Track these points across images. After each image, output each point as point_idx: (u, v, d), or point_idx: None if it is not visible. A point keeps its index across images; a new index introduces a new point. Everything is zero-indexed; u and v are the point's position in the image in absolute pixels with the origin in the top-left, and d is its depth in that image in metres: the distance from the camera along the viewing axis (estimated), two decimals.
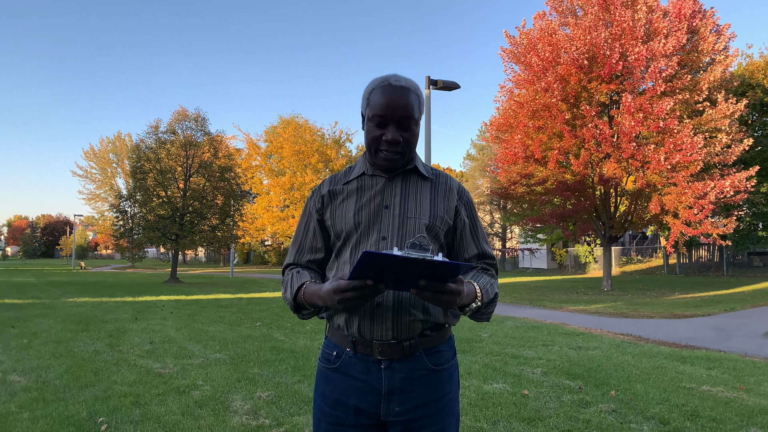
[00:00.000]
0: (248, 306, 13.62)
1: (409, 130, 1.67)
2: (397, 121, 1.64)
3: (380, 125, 1.66)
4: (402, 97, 1.64)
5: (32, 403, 4.78)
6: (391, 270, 1.36)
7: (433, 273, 1.35)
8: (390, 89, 1.65)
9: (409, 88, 1.67)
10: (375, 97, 1.66)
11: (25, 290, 19.08)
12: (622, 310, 12.74)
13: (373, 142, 1.68)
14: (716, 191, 15.74)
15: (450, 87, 12.55)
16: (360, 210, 1.70)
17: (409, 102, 1.65)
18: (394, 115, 1.63)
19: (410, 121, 1.66)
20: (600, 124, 16.33)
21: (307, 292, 1.64)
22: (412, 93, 1.66)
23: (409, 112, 1.65)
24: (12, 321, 10.31)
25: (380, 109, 1.64)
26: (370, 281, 1.38)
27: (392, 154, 1.67)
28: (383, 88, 1.65)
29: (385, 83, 1.67)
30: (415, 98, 1.67)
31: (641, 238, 35.55)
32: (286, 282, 1.77)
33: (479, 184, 43.69)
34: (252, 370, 6.06)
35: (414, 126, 1.68)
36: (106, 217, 56.06)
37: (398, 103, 1.63)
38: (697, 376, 5.81)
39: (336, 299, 1.45)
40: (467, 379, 5.61)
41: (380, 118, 1.64)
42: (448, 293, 1.39)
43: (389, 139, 1.64)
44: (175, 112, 27.68)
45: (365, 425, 1.65)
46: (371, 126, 1.67)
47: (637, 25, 16.11)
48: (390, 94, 1.64)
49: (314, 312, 1.73)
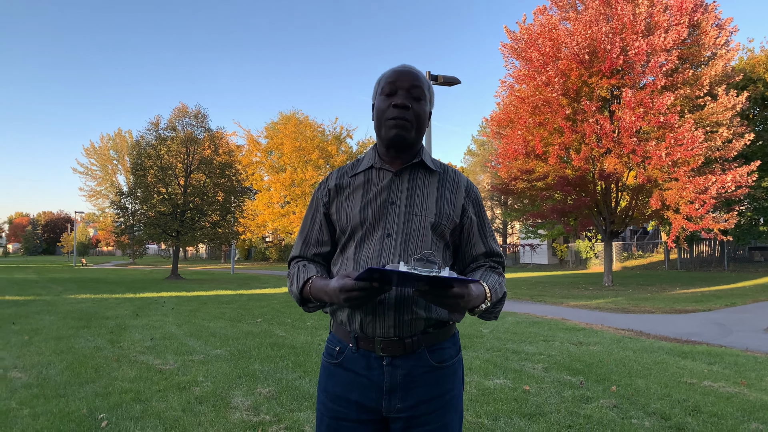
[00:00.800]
0: (249, 302, 13.62)
1: (418, 102, 1.70)
2: (407, 89, 1.69)
3: (390, 94, 1.70)
4: (412, 71, 1.72)
5: (33, 399, 4.78)
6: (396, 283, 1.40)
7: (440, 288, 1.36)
8: (401, 67, 1.74)
9: (420, 72, 1.74)
10: (386, 74, 1.73)
11: (26, 287, 19.10)
12: (623, 305, 12.73)
13: (381, 112, 1.70)
14: (717, 186, 15.71)
15: (450, 82, 12.52)
16: (366, 206, 1.70)
17: (418, 75, 1.72)
18: (404, 83, 1.69)
19: (419, 91, 1.70)
20: (601, 119, 16.29)
21: (314, 287, 1.65)
22: (422, 75, 1.74)
23: (418, 83, 1.70)
24: (13, 317, 10.31)
25: (391, 77, 1.71)
26: (375, 283, 1.42)
27: (401, 120, 1.66)
28: (394, 69, 1.74)
29: (397, 66, 1.75)
30: (426, 81, 1.74)
31: (642, 234, 35.54)
32: (292, 275, 1.77)
33: (480, 179, 43.67)
34: (252, 366, 6.05)
35: (423, 100, 1.71)
36: (107, 213, 56.03)
37: (408, 74, 1.70)
38: (698, 372, 5.80)
39: (342, 298, 1.47)
40: (468, 375, 5.60)
41: (391, 85, 1.69)
42: (451, 297, 1.40)
43: (398, 103, 1.66)
44: (176, 109, 27.70)
45: (367, 420, 1.65)
46: (381, 99, 1.71)
47: (638, 20, 16.05)
48: (400, 69, 1.73)
49: (319, 306, 1.74)
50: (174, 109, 27.88)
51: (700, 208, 15.75)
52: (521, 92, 18.50)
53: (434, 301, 1.41)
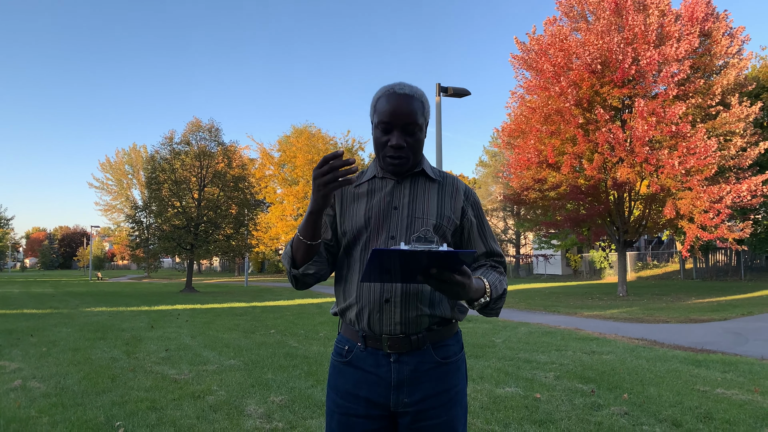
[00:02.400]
0: (262, 314, 13.70)
1: (413, 136, 1.73)
2: (402, 127, 1.71)
3: (386, 131, 1.73)
4: (406, 104, 1.71)
5: (51, 408, 4.87)
6: (401, 264, 1.43)
7: (440, 263, 1.41)
8: (395, 97, 1.71)
9: (413, 96, 1.73)
10: (381, 105, 1.73)
11: (43, 300, 19.35)
12: (638, 315, 12.65)
13: (379, 147, 1.76)
14: (732, 195, 15.60)
15: (460, 94, 12.61)
16: (370, 210, 1.77)
17: (412, 109, 1.71)
18: (399, 121, 1.70)
19: (414, 126, 1.72)
20: (613, 129, 16.28)
21: (299, 227, 1.69)
22: (416, 100, 1.73)
23: (412, 119, 1.71)
24: (31, 330, 10.47)
25: (385, 116, 1.71)
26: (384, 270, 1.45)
27: (397, 159, 1.73)
28: (388, 96, 1.73)
29: (390, 91, 1.74)
30: (419, 105, 1.74)
31: (657, 243, 35.25)
32: (286, 245, 1.82)
33: (492, 190, 43.61)
34: (266, 376, 6.11)
35: (418, 132, 1.74)
36: (122, 227, 56.73)
37: (402, 110, 1.70)
38: (711, 380, 5.77)
39: (315, 184, 1.53)
40: (479, 383, 5.63)
41: (385, 124, 1.72)
42: (455, 284, 1.44)
43: (394, 144, 1.71)
44: (189, 123, 28.07)
45: (376, 416, 1.72)
46: (378, 132, 1.75)
47: (649, 30, 16.07)
48: (394, 101, 1.71)
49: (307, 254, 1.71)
50: (188, 123, 28.25)
51: (715, 217, 15.64)
52: (532, 102, 18.54)
53: (438, 287, 1.45)
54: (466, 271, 1.47)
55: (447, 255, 1.38)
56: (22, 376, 6.26)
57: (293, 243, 1.72)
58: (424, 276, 1.45)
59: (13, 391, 5.55)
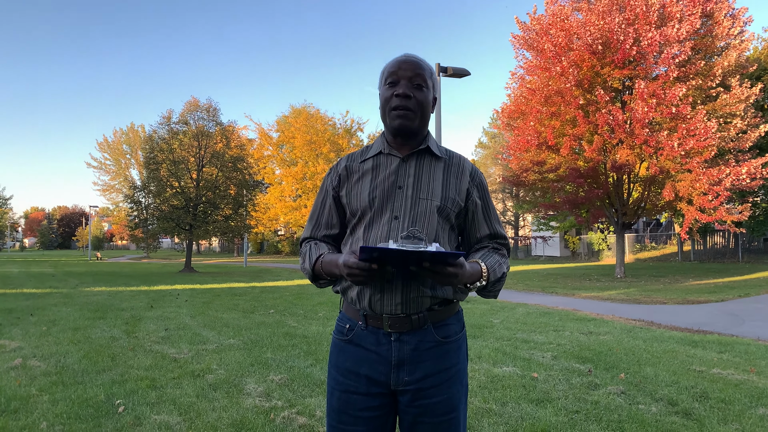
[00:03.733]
0: (262, 294, 13.75)
1: (420, 91, 1.75)
2: (409, 78, 1.74)
3: (393, 84, 1.76)
4: (414, 61, 1.77)
5: (52, 386, 4.90)
6: (390, 260, 1.47)
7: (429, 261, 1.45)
8: (404, 56, 1.79)
9: (422, 60, 1.80)
10: (389, 64, 1.79)
11: (43, 280, 19.39)
12: (635, 296, 12.71)
13: (385, 102, 1.77)
14: (732, 177, 15.59)
15: (460, 74, 12.53)
16: (374, 189, 1.76)
17: (419, 64, 1.77)
18: (406, 73, 1.74)
19: (420, 80, 1.75)
20: (613, 110, 16.21)
21: (324, 261, 1.74)
22: (424, 63, 1.79)
23: (419, 71, 1.75)
24: (31, 309, 10.50)
25: (393, 67, 1.77)
26: (374, 265, 1.49)
27: (403, 110, 1.73)
28: (398, 57, 1.80)
29: (400, 55, 1.81)
30: (428, 68, 1.79)
31: (655, 225, 35.33)
32: (304, 253, 1.86)
33: (491, 171, 43.59)
34: (265, 355, 6.15)
35: (425, 88, 1.76)
36: (121, 208, 56.60)
37: (408, 63, 1.76)
38: (707, 360, 5.82)
39: (345, 273, 1.56)
40: (477, 363, 5.67)
41: (393, 75, 1.76)
42: (445, 275, 1.49)
43: (400, 92, 1.72)
44: (187, 103, 27.89)
45: (376, 394, 1.73)
46: (385, 89, 1.78)
47: (651, 10, 15.92)
48: (403, 58, 1.78)
49: (330, 281, 1.82)
50: (186, 103, 28.13)
51: (714, 199, 15.65)
52: (533, 83, 18.43)
53: (432, 276, 1.50)
54: (458, 263, 1.50)
55: (434, 256, 1.40)
56: (22, 354, 6.29)
57: (314, 268, 1.79)
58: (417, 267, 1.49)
59: (14, 369, 5.59)
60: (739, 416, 4.00)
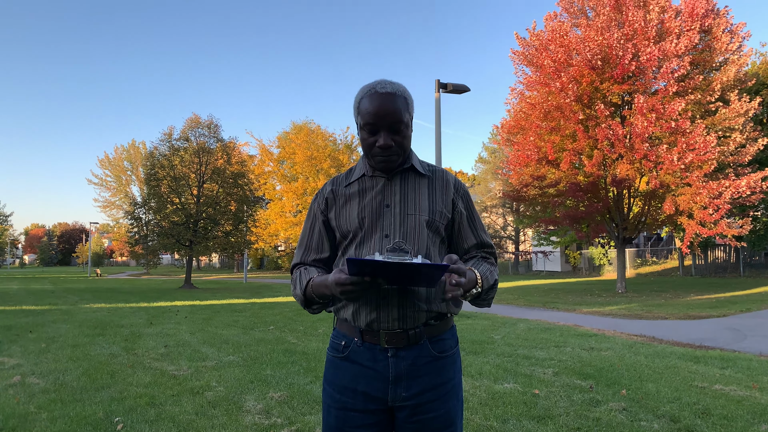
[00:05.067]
0: (261, 310, 13.71)
1: (399, 134, 1.72)
2: (388, 126, 1.70)
3: (372, 132, 1.72)
4: (390, 103, 1.69)
5: (50, 404, 4.87)
6: (377, 273, 1.45)
7: (416, 273, 1.44)
8: (377, 97, 1.70)
9: (395, 93, 1.71)
10: (364, 106, 1.71)
11: (42, 297, 19.34)
12: (637, 311, 12.67)
13: (368, 148, 1.75)
14: (732, 191, 15.61)
15: (460, 90, 12.59)
16: (363, 210, 1.77)
17: (396, 107, 1.69)
18: (384, 122, 1.69)
19: (400, 125, 1.71)
20: (613, 125, 16.27)
21: (315, 283, 1.72)
22: (398, 97, 1.71)
23: (397, 117, 1.70)
24: (30, 326, 10.47)
25: (370, 118, 1.70)
26: (367, 278, 1.48)
27: (386, 158, 1.73)
28: (371, 97, 1.71)
29: (372, 91, 1.72)
30: (403, 102, 1.72)
31: (656, 240, 35.28)
32: (295, 279, 1.85)
33: (491, 187, 43.59)
34: (264, 372, 6.12)
35: (404, 129, 1.73)
36: (121, 224, 56.59)
37: (387, 110, 1.68)
38: (709, 376, 5.78)
39: (337, 291, 1.54)
40: (478, 380, 5.63)
41: (371, 125, 1.70)
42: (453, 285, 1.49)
43: (382, 144, 1.70)
44: (188, 120, 28.00)
45: (374, 410, 1.73)
46: (364, 134, 1.74)
47: (649, 26, 16.06)
48: (377, 101, 1.69)
49: (323, 305, 1.81)
50: (187, 119, 28.21)
51: (714, 213, 15.65)
52: (532, 99, 18.53)
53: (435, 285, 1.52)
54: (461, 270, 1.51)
55: (419, 268, 1.40)
56: (21, 372, 6.26)
57: (305, 293, 1.76)
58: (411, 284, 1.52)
59: (12, 387, 5.56)
60: None
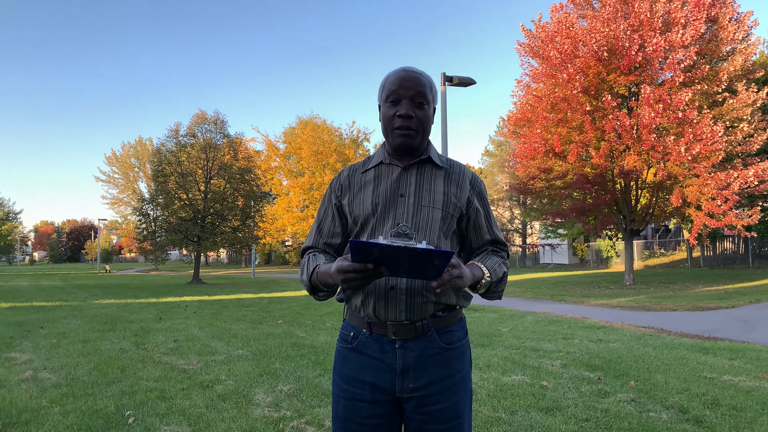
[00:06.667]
0: (270, 305, 13.77)
1: (421, 109, 1.77)
2: (411, 97, 1.75)
3: (394, 102, 1.76)
4: (414, 77, 1.77)
5: (62, 398, 4.93)
6: (385, 257, 1.44)
7: (420, 259, 1.43)
8: (403, 72, 1.78)
9: (421, 74, 1.79)
10: (390, 80, 1.79)
11: (52, 293, 19.50)
12: (645, 303, 12.64)
13: (387, 121, 1.78)
14: (740, 181, 15.51)
15: (466, 83, 12.57)
16: (377, 197, 1.79)
17: (421, 82, 1.77)
18: (407, 92, 1.75)
19: (422, 98, 1.76)
20: (620, 116, 16.19)
21: (320, 272, 1.73)
22: (424, 77, 1.79)
23: (421, 89, 1.76)
24: (41, 322, 10.56)
25: (394, 86, 1.76)
26: (370, 265, 1.48)
27: (406, 130, 1.75)
28: (398, 73, 1.79)
29: (399, 69, 1.80)
30: (428, 82, 1.79)
31: (664, 232, 35.12)
32: (303, 264, 1.86)
33: (498, 180, 43.50)
34: (273, 365, 6.16)
35: (426, 106, 1.78)
36: (130, 220, 56.89)
37: (411, 82, 1.75)
38: (718, 367, 5.77)
39: (339, 279, 1.54)
40: (486, 372, 5.65)
41: (394, 94, 1.76)
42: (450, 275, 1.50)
43: (402, 113, 1.74)
44: (195, 116, 28.04)
45: (382, 401, 1.74)
46: (386, 106, 1.78)
47: (655, 16, 15.94)
48: (404, 75, 1.77)
49: (329, 293, 1.82)
50: (193, 115, 28.24)
51: (723, 204, 15.56)
52: (538, 91, 18.44)
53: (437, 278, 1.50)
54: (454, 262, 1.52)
55: (423, 252, 1.40)
56: (33, 367, 6.32)
57: (311, 279, 1.76)
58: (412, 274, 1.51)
59: (25, 381, 5.62)
60: (751, 423, 3.96)
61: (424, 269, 1.49)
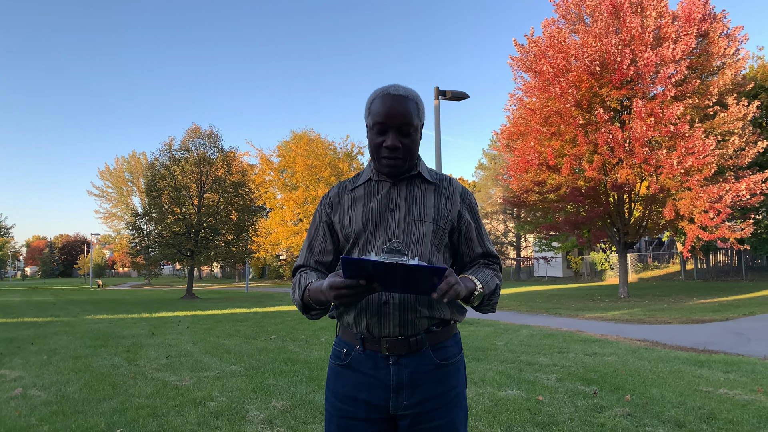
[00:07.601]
0: (263, 320, 13.68)
1: (408, 137, 1.73)
2: (397, 128, 1.71)
3: (381, 132, 1.72)
4: (400, 105, 1.71)
5: (52, 416, 4.86)
6: (377, 273, 1.43)
7: (413, 275, 1.42)
8: (389, 98, 1.71)
9: (407, 97, 1.73)
10: (375, 106, 1.73)
11: (44, 309, 19.32)
12: (639, 316, 12.63)
13: (375, 148, 1.75)
14: (732, 194, 15.60)
15: (459, 97, 12.62)
16: (367, 213, 1.77)
17: (407, 109, 1.71)
18: (393, 122, 1.70)
19: (409, 127, 1.72)
20: (612, 129, 16.30)
21: (311, 289, 1.70)
22: (410, 101, 1.73)
23: (407, 119, 1.71)
24: (32, 338, 10.45)
25: (380, 117, 1.70)
26: (362, 281, 1.46)
27: (393, 159, 1.73)
28: (383, 98, 1.72)
29: (384, 93, 1.73)
30: (414, 106, 1.74)
31: (658, 244, 35.23)
32: (294, 283, 1.84)
33: (492, 193, 43.60)
34: (267, 381, 6.09)
35: (413, 132, 1.74)
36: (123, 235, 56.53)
37: (397, 111, 1.70)
38: (714, 380, 5.76)
39: (332, 295, 1.52)
40: (481, 386, 5.61)
41: (380, 125, 1.71)
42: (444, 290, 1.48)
43: (389, 145, 1.70)
44: (189, 130, 28.08)
45: (376, 419, 1.71)
46: (373, 134, 1.74)
47: (647, 31, 16.11)
48: (389, 102, 1.71)
49: (322, 311, 1.79)
50: (187, 130, 28.29)
51: (715, 217, 15.64)
52: (532, 104, 18.56)
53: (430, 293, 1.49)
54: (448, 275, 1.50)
55: (416, 269, 1.38)
56: (22, 384, 6.24)
57: (303, 297, 1.74)
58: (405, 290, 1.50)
59: (14, 399, 5.54)
60: None
61: (417, 284, 1.48)
